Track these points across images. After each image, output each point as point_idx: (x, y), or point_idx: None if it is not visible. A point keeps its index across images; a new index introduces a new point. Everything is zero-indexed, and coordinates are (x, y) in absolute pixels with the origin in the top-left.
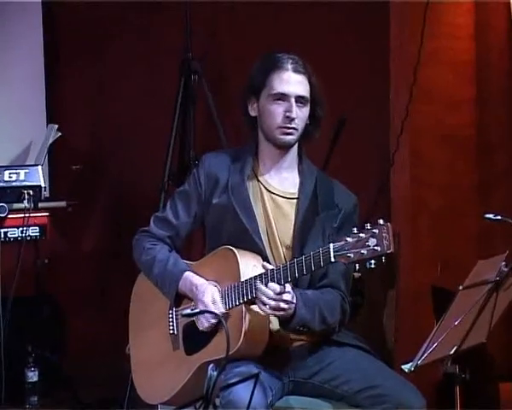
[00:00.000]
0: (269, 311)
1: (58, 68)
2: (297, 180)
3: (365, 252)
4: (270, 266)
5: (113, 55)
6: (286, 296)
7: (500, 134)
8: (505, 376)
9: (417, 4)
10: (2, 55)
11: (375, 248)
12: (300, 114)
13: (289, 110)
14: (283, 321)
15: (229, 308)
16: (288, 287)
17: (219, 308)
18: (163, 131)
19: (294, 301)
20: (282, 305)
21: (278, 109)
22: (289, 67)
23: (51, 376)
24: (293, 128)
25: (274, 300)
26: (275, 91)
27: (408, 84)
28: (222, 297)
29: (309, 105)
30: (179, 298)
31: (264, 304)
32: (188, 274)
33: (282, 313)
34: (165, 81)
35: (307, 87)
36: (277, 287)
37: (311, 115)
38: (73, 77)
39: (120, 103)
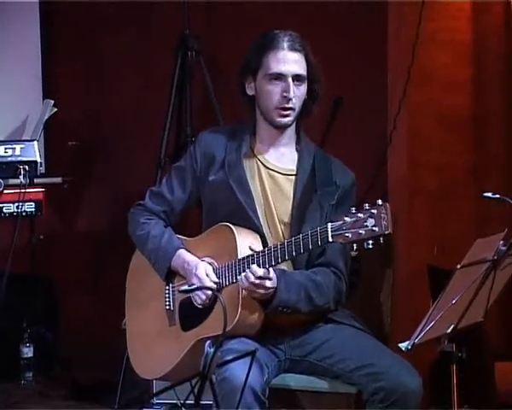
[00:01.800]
0: (245, 292)
1: (54, 44)
2: (295, 157)
3: (363, 232)
4: (257, 249)
5: (111, 30)
6: (267, 283)
7: (497, 115)
8: (501, 355)
9: None
10: (0, 32)
11: (373, 228)
12: (298, 93)
13: (286, 90)
14: (264, 302)
15: (225, 286)
16: (272, 273)
17: (213, 278)
18: (160, 107)
19: (274, 285)
20: (261, 290)
21: (275, 89)
22: (285, 45)
23: (46, 352)
24: (291, 108)
25: (253, 284)
26: (271, 71)
27: (406, 64)
28: (216, 274)
29: (306, 82)
30: (173, 275)
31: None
32: (181, 252)
33: (259, 296)
34: (163, 58)
35: (304, 65)
36: (260, 271)
37: (309, 92)
38: (70, 53)
39: (117, 79)
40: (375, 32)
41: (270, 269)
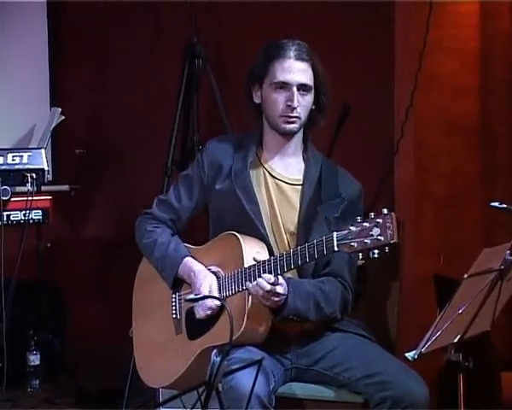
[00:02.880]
0: (260, 299)
1: (62, 52)
2: (302, 166)
3: (369, 241)
4: (261, 259)
5: (117, 39)
6: (279, 289)
7: (504, 122)
8: (508, 365)
9: None
10: (7, 39)
11: (379, 237)
12: (303, 102)
13: (291, 99)
14: (274, 310)
15: (231, 295)
16: (281, 279)
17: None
18: (167, 115)
19: (286, 292)
20: (274, 298)
21: (280, 98)
22: (292, 54)
23: (53, 360)
24: (296, 117)
25: (266, 291)
26: (276, 80)
27: (413, 72)
28: (222, 283)
29: (313, 92)
30: (179, 283)
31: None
32: (187, 260)
33: (271, 304)
34: (170, 65)
35: (310, 75)
36: (271, 277)
37: (316, 102)
38: (77, 61)
39: (124, 88)
40: (383, 40)
41: (279, 277)
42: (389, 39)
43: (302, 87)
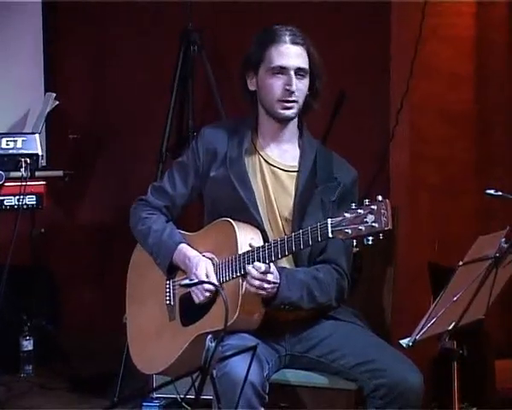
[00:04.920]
0: (252, 289)
1: (57, 37)
2: (297, 153)
3: (363, 228)
4: (256, 245)
5: (113, 24)
6: (269, 277)
7: (499, 110)
8: (502, 352)
9: None
10: (1, 24)
11: (373, 224)
12: (300, 86)
13: (289, 83)
14: (266, 300)
15: (225, 281)
16: (273, 267)
17: (212, 279)
18: (162, 101)
19: (278, 281)
20: (265, 285)
21: (277, 83)
22: (287, 39)
23: (46, 345)
24: (294, 101)
25: (257, 279)
26: (273, 65)
27: (408, 59)
28: (217, 270)
29: (308, 76)
30: (174, 269)
31: (249, 284)
32: (182, 246)
33: (264, 292)
34: (165, 52)
35: (306, 59)
36: (262, 266)
37: (311, 87)
38: (72, 46)
39: (119, 73)
40: (378, 28)
41: (271, 264)
42: (385, 27)
43: (299, 71)
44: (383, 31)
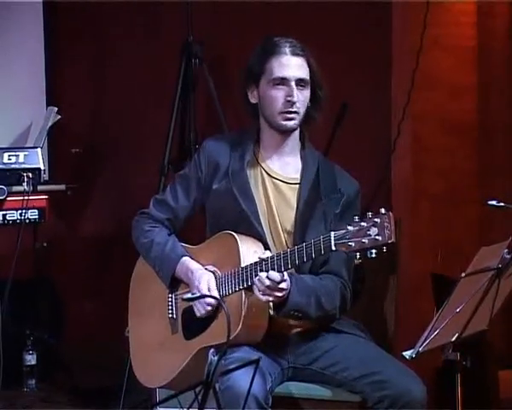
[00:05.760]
0: (264, 298)
1: (58, 50)
2: (299, 165)
3: (366, 241)
4: (264, 257)
5: (114, 37)
6: (282, 285)
7: (501, 120)
8: (505, 363)
9: None
10: (3, 38)
11: (377, 237)
12: (301, 97)
13: (290, 94)
14: (276, 306)
15: (228, 294)
16: (286, 275)
17: (214, 293)
18: (163, 114)
19: (289, 287)
20: (277, 293)
21: (279, 94)
22: (287, 50)
23: (49, 359)
24: (295, 112)
25: (271, 289)
26: (274, 76)
27: (410, 69)
28: (219, 283)
29: (309, 87)
30: (176, 282)
31: (260, 291)
32: (185, 259)
33: (274, 299)
34: (166, 64)
35: (306, 69)
36: (277, 276)
37: (312, 97)
38: (73, 60)
39: (120, 87)
40: (380, 38)
41: (285, 273)
42: (386, 37)
43: (300, 82)
44: (384, 41)
